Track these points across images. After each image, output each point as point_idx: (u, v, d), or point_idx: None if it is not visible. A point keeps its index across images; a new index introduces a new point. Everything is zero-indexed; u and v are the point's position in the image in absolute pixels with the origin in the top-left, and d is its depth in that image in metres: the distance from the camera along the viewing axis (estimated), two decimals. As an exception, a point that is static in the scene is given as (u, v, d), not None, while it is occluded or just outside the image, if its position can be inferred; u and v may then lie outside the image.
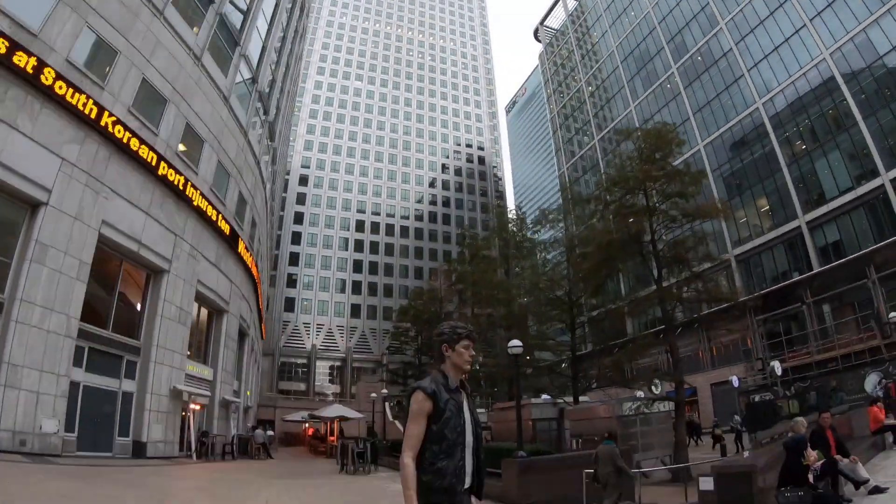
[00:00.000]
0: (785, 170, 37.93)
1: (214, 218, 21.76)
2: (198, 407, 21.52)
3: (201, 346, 23.61)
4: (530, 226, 32.01)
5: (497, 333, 33.44)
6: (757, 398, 22.92)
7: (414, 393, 2.81)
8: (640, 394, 22.05)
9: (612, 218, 22.23)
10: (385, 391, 35.14)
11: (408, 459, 2.67)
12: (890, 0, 31.80)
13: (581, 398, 26.09)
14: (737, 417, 25.55)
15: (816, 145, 36.22)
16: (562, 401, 26.59)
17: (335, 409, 31.66)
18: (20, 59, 12.73)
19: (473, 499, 2.87)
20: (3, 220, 13.37)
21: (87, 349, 15.27)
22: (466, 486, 2.79)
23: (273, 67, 30.66)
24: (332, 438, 26.88)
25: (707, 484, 8.18)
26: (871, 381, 23.80)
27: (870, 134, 31.95)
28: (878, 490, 8.31)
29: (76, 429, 14.68)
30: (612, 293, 36.80)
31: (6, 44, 12.48)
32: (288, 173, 75.65)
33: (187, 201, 19.64)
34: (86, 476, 11.43)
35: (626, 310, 26.90)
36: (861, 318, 29.47)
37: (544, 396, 28.49)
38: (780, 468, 7.82)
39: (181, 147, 19.69)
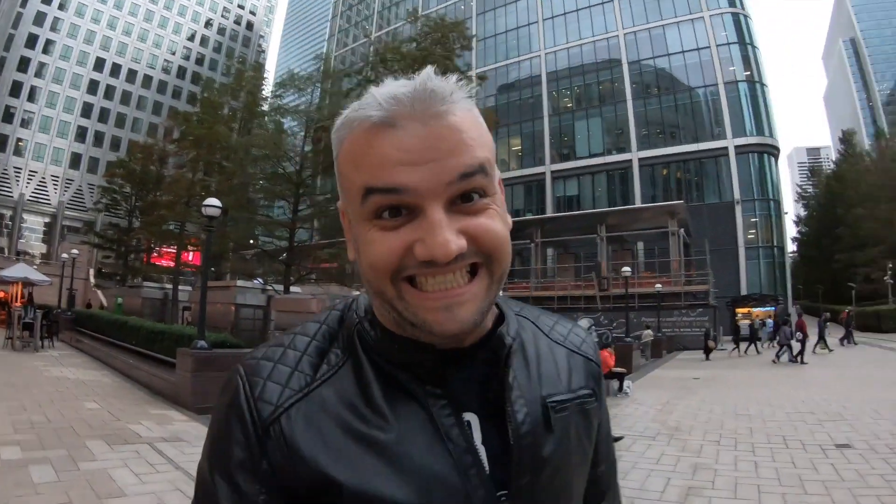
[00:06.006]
0: (546, 119, 40.53)
1: None
2: None
3: None
4: (274, 90, 25.64)
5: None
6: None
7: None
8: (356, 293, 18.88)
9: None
10: (76, 250, 26.17)
11: None
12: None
13: (294, 289, 23.20)
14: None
15: (581, 108, 39.84)
16: (271, 288, 23.67)
17: (19, 269, 23.98)
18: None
19: None
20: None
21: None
22: None
23: None
24: (16, 304, 21.36)
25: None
26: (583, 325, 24.92)
27: (633, 116, 37.42)
28: (613, 439, 6.06)
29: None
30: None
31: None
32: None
33: None
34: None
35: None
36: (584, 268, 31.64)
37: (257, 281, 25.24)
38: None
39: None
